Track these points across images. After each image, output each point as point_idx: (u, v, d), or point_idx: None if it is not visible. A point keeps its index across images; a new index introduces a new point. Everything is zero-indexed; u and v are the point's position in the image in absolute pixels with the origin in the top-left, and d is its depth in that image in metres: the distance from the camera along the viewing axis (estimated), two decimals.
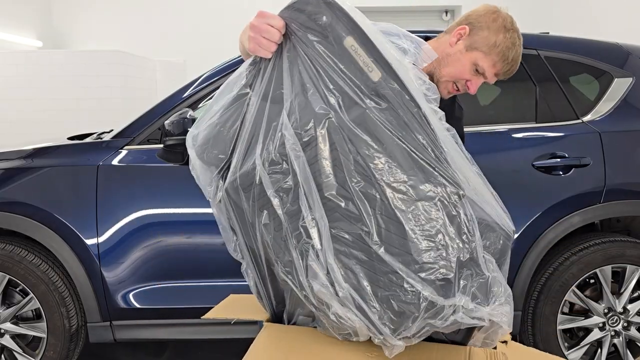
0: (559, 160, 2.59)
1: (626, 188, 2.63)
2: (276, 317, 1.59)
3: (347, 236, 1.31)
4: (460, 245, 1.31)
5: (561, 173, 2.59)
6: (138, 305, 2.62)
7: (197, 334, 2.70)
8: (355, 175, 1.30)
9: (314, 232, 1.32)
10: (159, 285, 2.63)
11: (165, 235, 2.63)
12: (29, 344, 2.72)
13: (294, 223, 1.34)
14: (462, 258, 1.31)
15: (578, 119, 2.67)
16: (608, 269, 2.59)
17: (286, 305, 1.55)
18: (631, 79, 2.71)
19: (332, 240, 1.31)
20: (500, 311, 1.36)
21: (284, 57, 1.38)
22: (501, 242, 1.48)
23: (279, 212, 1.35)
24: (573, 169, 2.59)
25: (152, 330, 2.68)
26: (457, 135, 1.39)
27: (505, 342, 1.56)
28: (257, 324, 1.60)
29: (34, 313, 2.69)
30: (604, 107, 2.69)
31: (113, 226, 2.60)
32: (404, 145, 1.29)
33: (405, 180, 1.29)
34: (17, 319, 2.67)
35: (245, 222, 1.45)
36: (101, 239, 2.59)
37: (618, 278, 2.64)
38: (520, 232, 2.55)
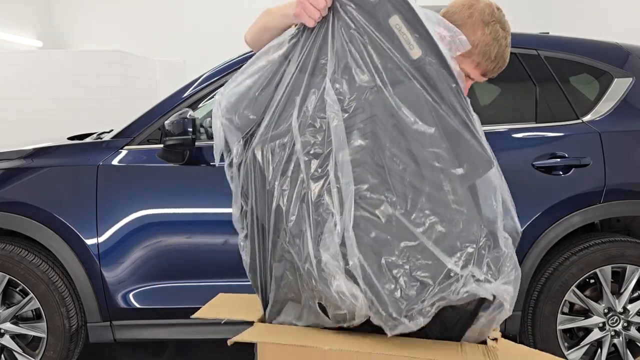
0: (559, 160, 2.59)
1: (626, 188, 2.63)
2: (265, 301, 1.58)
3: (371, 205, 1.34)
4: (483, 218, 1.36)
5: (561, 173, 2.59)
6: (138, 305, 2.62)
7: (197, 334, 2.70)
8: (390, 147, 1.35)
9: (336, 200, 1.34)
10: (159, 285, 2.63)
11: (165, 235, 2.63)
12: (29, 344, 2.72)
13: (318, 189, 1.37)
14: (482, 230, 1.35)
15: (578, 119, 2.67)
16: (608, 269, 2.59)
17: (274, 286, 1.53)
18: (631, 79, 2.71)
19: (354, 209, 1.33)
20: (505, 289, 1.38)
21: (329, 30, 1.43)
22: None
23: (304, 176, 1.38)
24: (573, 169, 2.59)
25: (152, 330, 2.68)
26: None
27: (495, 339, 1.56)
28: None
29: (34, 313, 2.69)
30: (603, 107, 2.69)
31: (113, 226, 2.60)
32: (441, 119, 1.35)
33: (438, 153, 1.34)
34: (17, 319, 2.67)
35: (263, 187, 1.47)
36: (101, 239, 2.59)
37: (618, 278, 2.64)
38: (520, 232, 2.55)
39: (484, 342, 1.55)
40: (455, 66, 1.39)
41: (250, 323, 1.61)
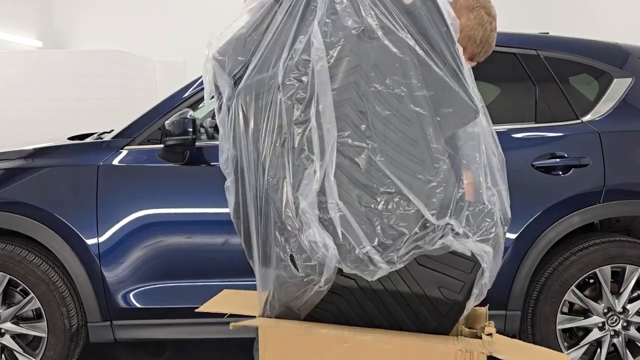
0: (558, 160, 2.59)
1: (626, 188, 2.64)
2: (248, 247, 1.57)
3: (352, 152, 1.34)
4: (464, 168, 1.38)
5: (561, 173, 2.59)
6: (138, 305, 2.63)
7: (197, 334, 2.70)
8: (373, 96, 1.35)
9: (317, 146, 1.34)
10: (159, 285, 2.63)
11: (165, 235, 2.63)
12: (29, 343, 2.72)
13: (299, 135, 1.37)
14: (461, 182, 1.37)
15: (577, 119, 2.67)
16: (607, 269, 2.59)
17: (255, 236, 1.53)
18: (631, 79, 2.72)
19: (335, 154, 1.34)
20: (482, 248, 1.39)
21: None
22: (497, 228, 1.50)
23: (286, 122, 1.38)
24: (573, 169, 2.59)
25: (152, 330, 2.69)
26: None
27: (490, 334, 1.57)
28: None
29: (35, 313, 2.69)
30: (603, 107, 2.70)
31: (113, 226, 2.60)
32: (427, 69, 1.35)
33: (421, 101, 1.34)
34: (17, 319, 2.67)
35: (246, 131, 1.47)
36: (101, 239, 2.59)
37: (617, 278, 2.65)
38: (520, 232, 2.55)
39: (479, 337, 1.56)
40: (450, 10, 1.40)
41: (253, 317, 1.61)
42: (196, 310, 1.73)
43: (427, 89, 1.36)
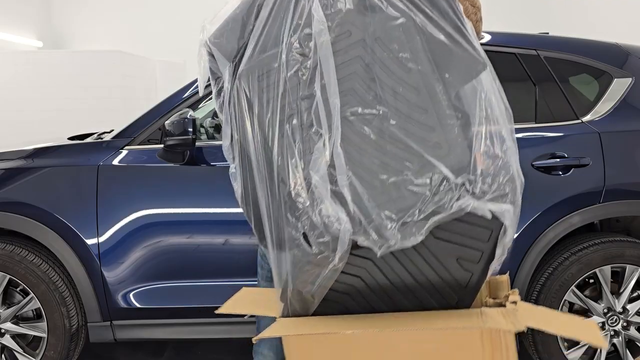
0: (558, 160, 2.59)
1: (626, 188, 2.64)
2: (259, 233, 1.55)
3: (362, 121, 1.33)
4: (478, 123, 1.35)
5: (561, 173, 2.59)
6: (138, 305, 2.63)
7: (197, 334, 2.70)
8: (378, 65, 1.33)
9: (324, 118, 1.33)
10: (159, 285, 2.63)
11: (165, 235, 2.63)
12: (29, 343, 2.72)
13: (307, 111, 1.35)
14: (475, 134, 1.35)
15: (577, 119, 2.67)
16: (607, 269, 2.59)
17: (266, 218, 1.50)
18: (630, 79, 2.72)
19: (342, 124, 1.32)
20: (502, 207, 1.37)
21: None
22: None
23: (292, 98, 1.37)
24: (572, 169, 2.59)
25: (152, 330, 2.69)
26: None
27: (515, 302, 1.55)
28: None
29: (35, 313, 2.69)
30: (603, 107, 2.70)
31: (113, 226, 2.60)
32: (432, 23, 1.35)
33: (426, 61, 1.33)
34: (17, 319, 2.67)
35: (250, 113, 1.45)
36: (101, 238, 2.60)
37: (617, 278, 2.65)
38: (520, 231, 2.55)
39: (502, 305, 1.54)
40: None
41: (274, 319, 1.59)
42: (216, 312, 1.70)
43: (431, 51, 1.35)
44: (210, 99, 2.76)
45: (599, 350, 2.64)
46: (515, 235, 2.53)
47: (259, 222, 1.53)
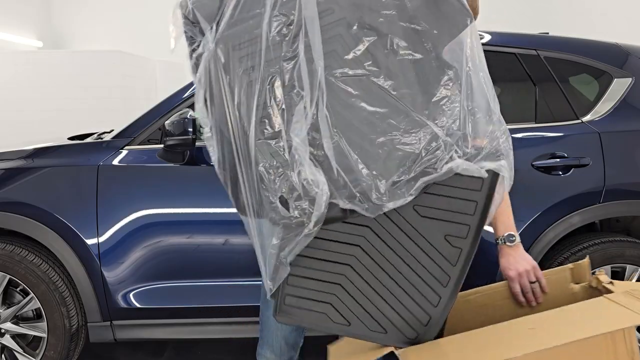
0: (558, 160, 2.59)
1: (626, 188, 2.63)
2: (235, 195, 1.49)
3: (346, 80, 1.30)
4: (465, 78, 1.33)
5: (561, 173, 2.59)
6: (138, 305, 2.63)
7: (197, 334, 2.70)
8: (362, 31, 1.30)
9: (306, 80, 1.29)
10: (159, 285, 2.63)
11: (165, 235, 2.63)
12: (29, 343, 2.72)
13: (289, 72, 1.32)
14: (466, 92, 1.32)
15: (577, 119, 2.67)
16: (607, 269, 2.59)
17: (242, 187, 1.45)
18: (630, 79, 2.72)
19: (326, 86, 1.29)
20: (498, 163, 1.35)
21: None
22: None
23: (273, 57, 1.33)
24: (572, 169, 2.59)
25: (152, 330, 2.69)
26: None
27: (611, 282, 1.53)
28: None
29: (35, 313, 2.69)
30: (603, 107, 2.70)
31: (113, 226, 2.60)
32: None
33: (417, 20, 1.31)
34: (17, 319, 2.67)
35: (226, 76, 1.40)
36: (101, 238, 2.60)
37: (617, 278, 2.64)
38: (519, 232, 2.55)
39: (599, 290, 1.52)
40: None
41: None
42: None
43: (416, 7, 1.32)
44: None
45: None
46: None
47: (235, 188, 1.48)
